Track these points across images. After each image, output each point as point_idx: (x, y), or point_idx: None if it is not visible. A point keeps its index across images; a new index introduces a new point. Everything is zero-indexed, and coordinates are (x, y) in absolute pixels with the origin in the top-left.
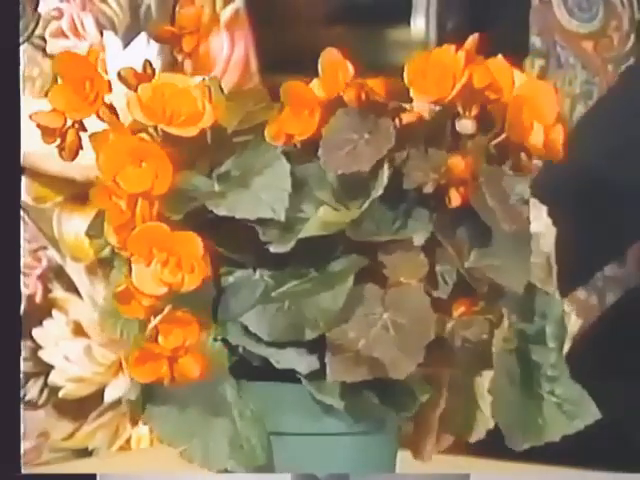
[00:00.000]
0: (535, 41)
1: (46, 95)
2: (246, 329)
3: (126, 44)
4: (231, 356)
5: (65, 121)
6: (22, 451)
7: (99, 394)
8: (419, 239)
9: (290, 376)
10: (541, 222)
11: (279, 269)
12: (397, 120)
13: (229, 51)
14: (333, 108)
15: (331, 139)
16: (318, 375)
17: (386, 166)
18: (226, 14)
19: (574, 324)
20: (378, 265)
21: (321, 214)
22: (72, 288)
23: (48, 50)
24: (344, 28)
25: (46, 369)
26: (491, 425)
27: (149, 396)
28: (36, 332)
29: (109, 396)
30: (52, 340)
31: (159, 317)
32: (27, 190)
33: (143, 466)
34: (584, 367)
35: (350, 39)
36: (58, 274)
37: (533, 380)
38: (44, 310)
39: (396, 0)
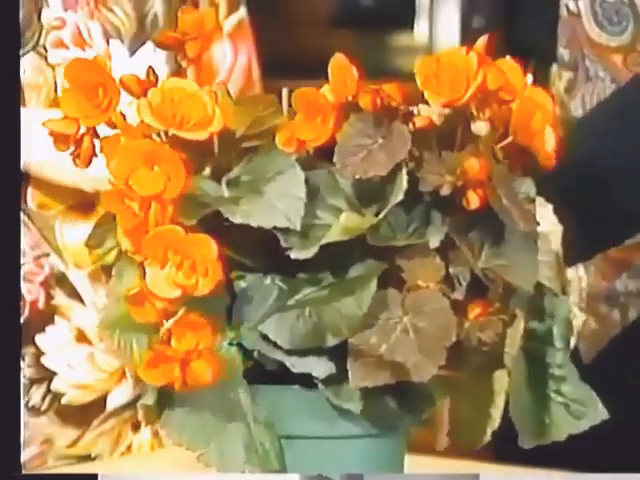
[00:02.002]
0: (563, 53)
1: (51, 104)
2: (265, 337)
3: (132, 52)
4: (246, 360)
5: (78, 128)
6: (25, 454)
7: (102, 401)
8: (434, 242)
9: (302, 380)
10: (547, 220)
11: (291, 275)
12: (410, 124)
13: (232, 60)
14: (346, 114)
15: (346, 145)
16: (334, 379)
17: (404, 170)
18: (230, 23)
19: (578, 319)
20: (395, 269)
21: (343, 220)
22: (75, 295)
23: (49, 60)
24: (348, 33)
25: (49, 375)
26: (496, 426)
27: (166, 401)
28: (39, 338)
29: (112, 403)
30: (55, 346)
31: (173, 319)
32: (31, 197)
33: (146, 470)
34: (606, 381)
35: (354, 44)
36: (60, 281)
37: (541, 380)
38: (47, 316)
39: (400, 6)
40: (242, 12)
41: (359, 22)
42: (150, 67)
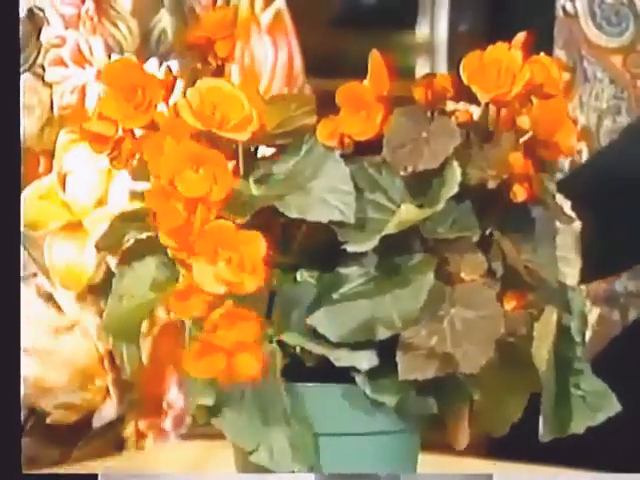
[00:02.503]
0: (560, 55)
1: (45, 124)
2: (313, 330)
3: None
4: (283, 358)
5: (117, 130)
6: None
7: (86, 421)
8: (476, 235)
9: (337, 375)
10: None
11: (325, 270)
12: (453, 118)
13: (274, 57)
14: (391, 108)
15: (394, 138)
16: (374, 372)
17: (456, 163)
18: (267, 17)
19: (593, 314)
20: (442, 262)
21: (403, 212)
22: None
23: (46, 79)
24: (349, 32)
25: None
26: (516, 419)
27: (221, 400)
28: None
29: (97, 421)
30: None
31: (221, 310)
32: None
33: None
34: (606, 381)
35: (355, 43)
36: (48, 301)
37: (564, 373)
38: None
39: (401, 5)
40: (279, 3)
41: (360, 21)
42: (168, 66)
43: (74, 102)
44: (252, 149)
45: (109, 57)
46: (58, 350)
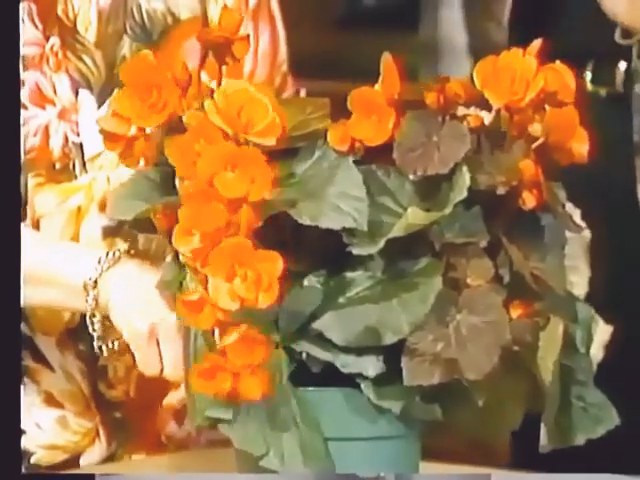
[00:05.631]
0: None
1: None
2: (319, 335)
3: (100, 104)
4: (290, 363)
5: (130, 128)
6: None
7: (74, 461)
8: (483, 241)
9: (340, 381)
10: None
11: (331, 275)
12: (465, 123)
13: (255, 43)
14: (402, 112)
15: (405, 142)
16: (379, 379)
17: (465, 168)
18: (251, 2)
19: (605, 331)
20: (448, 267)
21: (410, 215)
22: (43, 360)
23: None
24: (351, 33)
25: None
26: (517, 427)
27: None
28: None
29: (85, 462)
30: (23, 406)
31: (237, 334)
32: None
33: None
34: (617, 375)
35: (357, 44)
36: (27, 344)
37: (567, 384)
38: None
39: (403, 6)
40: None
41: (362, 23)
42: (184, 64)
43: (38, 144)
44: None
45: (76, 93)
46: None
